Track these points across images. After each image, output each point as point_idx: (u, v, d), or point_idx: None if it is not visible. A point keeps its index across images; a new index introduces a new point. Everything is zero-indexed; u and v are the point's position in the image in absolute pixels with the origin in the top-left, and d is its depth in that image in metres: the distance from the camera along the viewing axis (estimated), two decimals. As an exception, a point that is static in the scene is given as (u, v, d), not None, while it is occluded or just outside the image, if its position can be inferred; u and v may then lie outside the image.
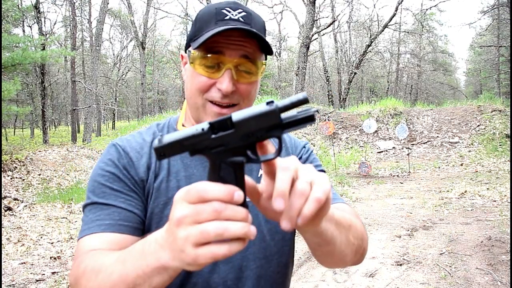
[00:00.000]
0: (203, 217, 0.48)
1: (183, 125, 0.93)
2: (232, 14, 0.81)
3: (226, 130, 0.49)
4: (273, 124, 0.49)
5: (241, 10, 0.82)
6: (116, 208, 0.79)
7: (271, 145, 0.54)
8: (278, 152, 0.51)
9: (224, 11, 0.81)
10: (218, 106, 0.82)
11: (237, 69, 0.80)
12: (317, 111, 0.50)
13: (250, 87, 0.84)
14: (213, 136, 0.49)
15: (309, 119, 0.49)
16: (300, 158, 0.99)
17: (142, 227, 0.82)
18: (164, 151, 0.50)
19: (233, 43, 0.79)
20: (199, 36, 0.81)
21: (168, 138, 0.50)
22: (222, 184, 0.49)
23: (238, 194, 0.48)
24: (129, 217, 0.79)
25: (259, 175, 0.90)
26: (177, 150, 0.50)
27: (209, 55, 0.80)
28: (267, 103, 0.49)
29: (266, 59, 0.90)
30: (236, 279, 0.84)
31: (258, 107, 0.49)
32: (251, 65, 0.82)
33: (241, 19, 0.81)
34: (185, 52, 0.89)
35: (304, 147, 1.02)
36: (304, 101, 0.49)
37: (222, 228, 0.47)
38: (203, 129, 0.49)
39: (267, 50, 0.83)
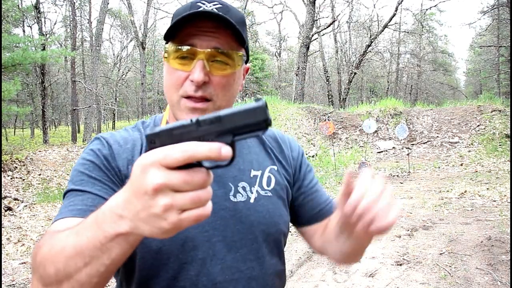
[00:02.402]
0: (193, 184, 0.47)
1: (167, 122, 0.91)
2: (206, 6, 0.79)
3: (214, 124, 0.50)
4: (260, 121, 0.50)
5: (217, 3, 0.80)
6: (91, 194, 0.76)
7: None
8: (231, 161, 0.51)
9: (198, 3, 0.80)
10: (191, 101, 0.79)
11: (210, 60, 0.78)
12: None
13: (225, 80, 0.80)
14: (200, 127, 0.51)
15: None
16: (295, 158, 0.99)
17: None
18: (155, 139, 0.52)
19: (205, 33, 0.77)
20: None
21: (160, 127, 0.53)
22: (206, 142, 0.48)
23: (226, 150, 0.47)
24: (103, 204, 0.73)
25: (251, 176, 0.88)
26: (167, 138, 0.51)
27: (181, 47, 0.78)
28: (256, 100, 0.50)
29: (247, 52, 0.86)
30: (226, 281, 0.81)
31: (246, 104, 0.51)
32: (225, 56, 0.79)
33: (215, 10, 0.78)
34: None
35: (299, 151, 1.02)
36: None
37: (208, 194, 0.49)
38: (191, 120, 0.51)
39: (243, 42, 0.81)
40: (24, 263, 4.15)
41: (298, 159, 0.99)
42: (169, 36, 0.79)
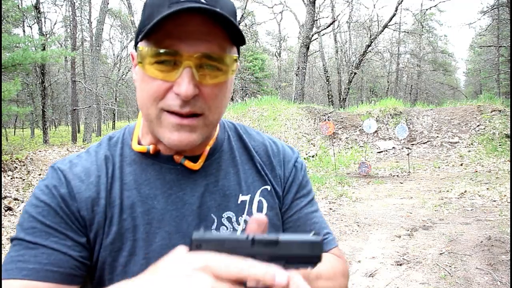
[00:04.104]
0: None
1: (139, 143, 0.74)
2: None
3: (268, 246, 0.48)
4: (313, 256, 0.49)
5: None
6: (45, 248, 0.62)
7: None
8: None
9: None
10: (177, 116, 0.63)
11: (199, 67, 0.62)
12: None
13: (217, 90, 0.64)
14: (254, 246, 0.48)
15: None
16: (285, 178, 0.80)
17: (82, 273, 0.65)
18: (202, 244, 0.48)
19: (192, 33, 0.61)
20: (147, 25, 0.61)
21: (211, 234, 0.49)
22: (263, 264, 0.44)
23: (280, 278, 0.42)
24: (62, 261, 0.62)
25: (238, 202, 0.74)
26: (216, 248, 0.47)
27: (161, 51, 0.61)
28: (313, 234, 0.50)
29: (239, 53, 0.70)
30: None
31: (304, 235, 0.50)
32: (216, 61, 0.63)
33: (202, 0, 0.61)
34: (135, 51, 0.67)
35: (295, 165, 0.82)
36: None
37: None
38: (247, 238, 0.48)
39: (238, 40, 0.64)
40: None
41: (289, 179, 0.80)
42: (145, 34, 0.61)
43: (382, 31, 22.75)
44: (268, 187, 0.78)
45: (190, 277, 0.42)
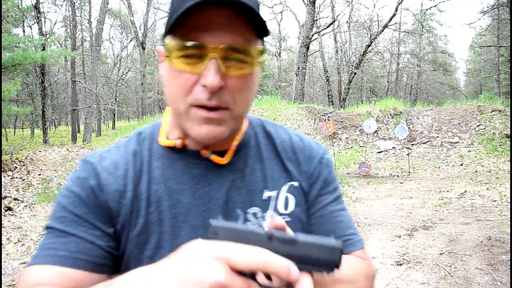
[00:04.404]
0: None
1: (167, 138, 0.75)
2: None
3: (286, 244, 0.48)
4: (331, 261, 0.48)
5: None
6: (75, 237, 0.65)
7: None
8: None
9: None
10: (204, 110, 0.64)
11: (224, 59, 0.62)
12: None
13: (243, 82, 0.65)
14: (271, 242, 0.48)
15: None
16: (311, 174, 0.79)
17: (109, 263, 0.68)
18: (219, 231, 0.48)
19: (216, 25, 0.61)
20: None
21: (229, 223, 0.49)
22: (281, 257, 0.45)
23: (295, 272, 0.44)
24: (90, 249, 0.65)
25: (264, 198, 0.74)
26: (232, 237, 0.48)
27: (187, 44, 0.62)
28: (335, 238, 0.49)
29: (263, 45, 0.70)
30: None
31: (325, 238, 0.49)
32: (241, 53, 0.63)
33: None
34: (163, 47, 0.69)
35: (321, 161, 0.81)
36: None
37: None
38: (266, 233, 0.48)
39: (263, 32, 0.65)
40: (24, 263, 4.15)
41: (314, 175, 0.79)
42: (170, 28, 0.63)
43: (382, 31, 22.76)
44: (295, 183, 0.77)
45: (205, 265, 0.43)
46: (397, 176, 9.31)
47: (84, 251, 0.65)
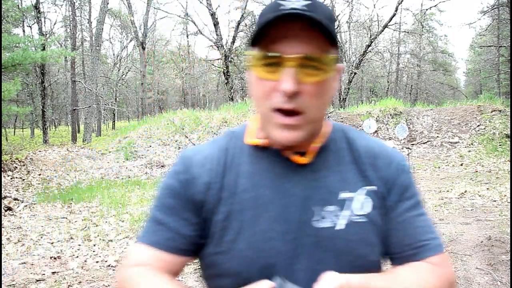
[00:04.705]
0: None
1: (255, 137, 0.83)
2: (292, 3, 0.70)
3: None
4: None
5: None
6: (167, 226, 0.79)
7: None
8: None
9: (283, 1, 0.71)
10: (282, 115, 0.71)
11: (300, 67, 0.70)
12: None
13: (317, 89, 0.71)
14: None
15: None
16: (389, 180, 0.81)
17: (193, 249, 0.80)
18: None
19: (293, 37, 0.70)
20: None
21: (288, 284, 0.62)
22: None
23: None
24: (177, 237, 0.79)
25: (341, 198, 0.77)
26: None
27: (267, 54, 0.71)
28: None
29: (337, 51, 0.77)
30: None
31: None
32: (316, 62, 0.70)
33: (301, 7, 0.69)
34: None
35: (399, 167, 0.83)
36: None
37: None
38: None
39: (335, 41, 0.72)
40: (24, 263, 4.15)
41: (392, 181, 0.81)
42: (254, 40, 0.72)
43: (382, 31, 22.74)
44: (372, 188, 0.80)
45: None
46: (397, 176, 9.31)
47: (173, 238, 0.78)
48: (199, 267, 0.85)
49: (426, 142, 12.21)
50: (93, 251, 4.46)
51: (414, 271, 0.76)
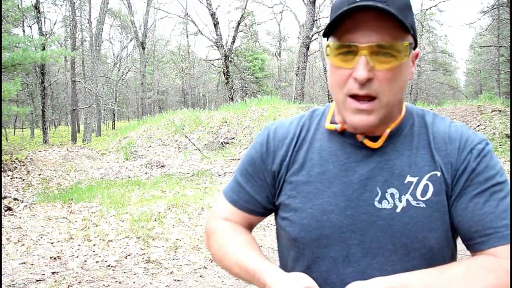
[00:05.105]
0: None
1: (331, 122, 0.88)
2: None
3: None
4: None
5: None
6: (244, 190, 0.92)
7: None
8: None
9: None
10: (356, 101, 0.75)
11: (373, 54, 0.73)
12: None
13: (390, 74, 0.74)
14: None
15: None
16: (457, 165, 0.79)
17: (264, 212, 0.94)
18: None
19: (365, 27, 0.73)
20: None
21: None
22: None
23: None
24: (251, 200, 0.92)
25: (405, 182, 0.78)
26: None
27: (341, 44, 0.75)
28: None
29: (415, 37, 0.78)
30: None
31: None
32: (388, 49, 0.73)
33: None
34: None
35: (472, 151, 0.79)
36: None
37: None
38: None
39: (408, 29, 0.74)
40: (24, 263, 4.15)
41: (461, 167, 0.78)
42: (329, 31, 0.77)
43: (382, 31, 22.76)
44: (438, 173, 0.79)
45: None
46: (397, 176, 9.32)
47: (248, 200, 0.92)
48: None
49: (426, 142, 12.20)
50: (93, 251, 4.45)
51: (465, 270, 0.72)
